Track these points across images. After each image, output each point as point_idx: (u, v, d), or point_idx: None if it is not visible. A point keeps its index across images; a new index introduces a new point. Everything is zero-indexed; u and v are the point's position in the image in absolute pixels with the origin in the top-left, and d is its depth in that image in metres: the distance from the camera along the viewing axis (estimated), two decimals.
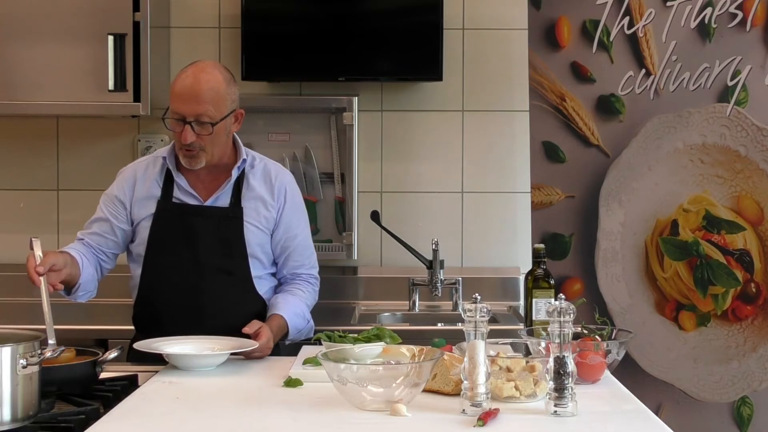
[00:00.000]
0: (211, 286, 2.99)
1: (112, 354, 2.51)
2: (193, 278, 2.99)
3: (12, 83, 3.85)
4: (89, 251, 3.03)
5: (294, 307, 3.01)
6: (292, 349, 2.95)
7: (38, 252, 2.65)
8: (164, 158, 3.03)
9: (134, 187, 3.04)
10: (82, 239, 3.07)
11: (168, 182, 3.02)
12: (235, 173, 3.02)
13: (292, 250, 3.09)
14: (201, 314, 2.97)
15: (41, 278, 2.61)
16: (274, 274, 3.13)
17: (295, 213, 3.10)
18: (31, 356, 2.07)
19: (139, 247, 3.04)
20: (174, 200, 3.01)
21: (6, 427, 2.03)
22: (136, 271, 3.06)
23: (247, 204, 3.02)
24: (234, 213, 3.01)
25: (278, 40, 4.07)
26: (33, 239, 2.66)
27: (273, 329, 2.88)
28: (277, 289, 3.14)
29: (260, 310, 3.04)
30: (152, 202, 3.02)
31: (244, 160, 3.04)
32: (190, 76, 2.93)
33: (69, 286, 2.91)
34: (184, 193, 3.01)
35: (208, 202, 3.01)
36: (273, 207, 3.05)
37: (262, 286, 3.07)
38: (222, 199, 3.02)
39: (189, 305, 2.98)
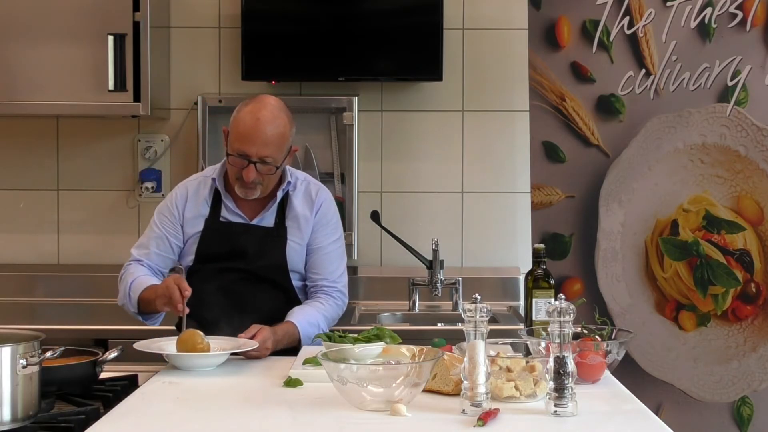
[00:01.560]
0: (254, 293, 3.07)
1: (112, 354, 2.51)
2: (238, 286, 3.07)
3: (12, 83, 3.85)
4: (155, 275, 3.10)
5: (307, 316, 3.03)
6: (292, 350, 2.94)
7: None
8: (213, 180, 3.11)
9: (186, 205, 3.12)
10: (141, 260, 3.11)
11: (216, 202, 3.11)
12: (279, 195, 3.10)
13: (314, 261, 3.14)
14: (243, 320, 2.97)
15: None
16: None
17: (323, 226, 3.15)
18: (31, 356, 2.07)
19: (186, 259, 3.12)
20: (221, 219, 3.10)
21: (6, 427, 2.03)
22: None
23: (291, 224, 3.11)
24: (278, 233, 3.09)
25: (278, 40, 4.07)
26: (178, 267, 2.90)
27: (278, 333, 2.89)
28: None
29: None
30: (200, 221, 3.10)
31: (289, 183, 3.11)
32: (256, 117, 2.97)
33: (152, 312, 3.02)
34: (231, 213, 3.10)
35: (253, 222, 3.10)
36: (311, 221, 3.13)
37: (303, 294, 3.15)
38: (267, 219, 3.10)
39: (232, 312, 3.03)
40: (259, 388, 2.47)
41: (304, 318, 3.01)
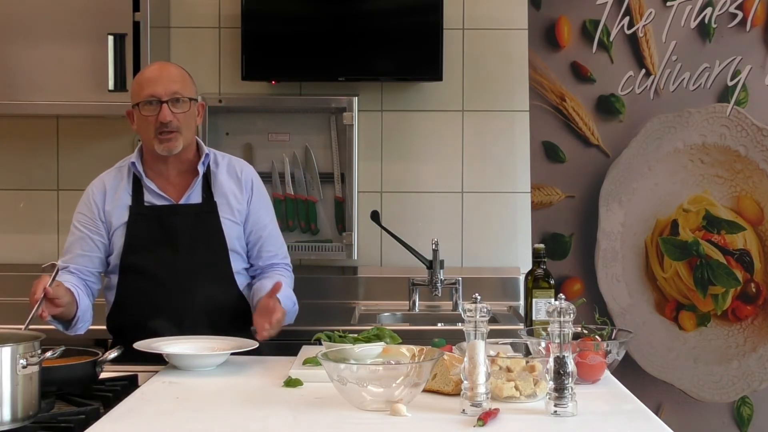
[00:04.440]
0: (194, 283, 2.99)
1: (112, 354, 2.51)
2: (175, 277, 2.99)
3: (12, 83, 3.85)
4: (79, 280, 3.01)
5: (283, 290, 3.00)
6: (292, 349, 2.94)
7: (54, 279, 2.70)
8: (132, 163, 3.05)
9: (105, 199, 3.04)
10: (67, 266, 3.02)
11: (137, 188, 3.04)
12: (201, 169, 3.05)
13: (264, 240, 3.12)
14: (183, 312, 2.97)
15: (40, 300, 2.65)
16: (247, 270, 3.14)
17: (263, 204, 3.14)
18: (31, 356, 2.07)
19: (116, 254, 3.03)
20: (146, 203, 3.03)
21: (6, 427, 2.03)
22: (113, 277, 3.05)
23: (219, 199, 3.05)
24: (209, 208, 3.03)
25: (278, 40, 4.07)
26: (57, 265, 2.71)
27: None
28: (252, 283, 3.14)
29: (241, 305, 3.07)
30: (124, 211, 3.02)
31: (207, 155, 3.08)
32: (155, 66, 3.09)
33: (66, 321, 2.93)
34: (155, 196, 3.03)
35: (180, 202, 3.03)
36: (242, 200, 3.09)
37: (241, 282, 3.09)
38: (193, 197, 3.04)
39: (170, 304, 2.98)
40: (259, 388, 2.47)
41: (282, 293, 2.94)
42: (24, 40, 3.82)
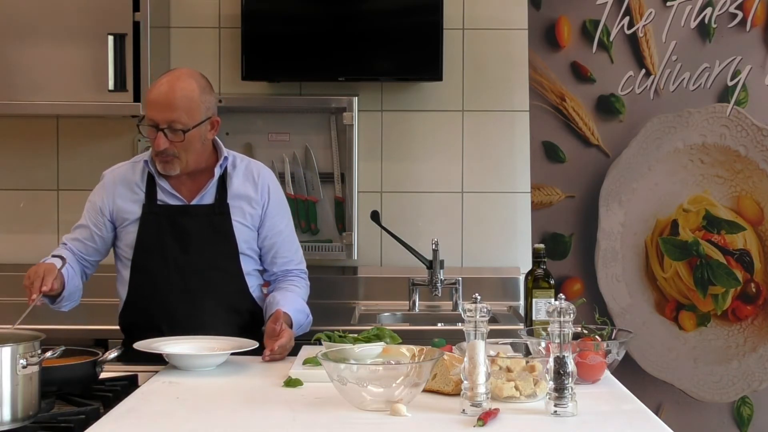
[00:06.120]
0: (204, 284, 3.00)
1: (112, 354, 2.51)
2: (185, 277, 3.00)
3: (12, 83, 3.85)
4: (74, 259, 3.04)
5: (295, 303, 3.02)
6: (292, 349, 2.95)
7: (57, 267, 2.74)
8: (146, 162, 3.05)
9: (115, 192, 3.05)
10: (66, 244, 3.08)
11: (150, 185, 3.04)
12: (217, 171, 3.04)
13: (279, 246, 3.11)
14: (194, 313, 2.97)
15: (38, 294, 2.70)
16: (260, 272, 3.14)
17: (279, 210, 3.12)
18: (31, 356, 2.07)
19: (127, 250, 3.04)
20: (158, 202, 3.03)
21: (6, 427, 2.03)
22: (125, 273, 3.06)
23: (233, 202, 3.04)
24: (221, 210, 3.02)
25: (278, 40, 4.07)
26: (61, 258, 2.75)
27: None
28: (265, 288, 3.15)
29: (251, 307, 3.07)
30: (136, 206, 3.03)
31: (226, 158, 3.06)
32: (165, 84, 2.95)
33: (51, 297, 2.92)
34: (168, 195, 3.03)
35: (193, 202, 3.03)
36: (258, 204, 3.07)
37: (252, 282, 3.09)
38: (206, 198, 3.04)
39: (181, 305, 2.99)
40: (259, 388, 2.47)
41: (292, 306, 2.98)
42: (24, 40, 3.82)
